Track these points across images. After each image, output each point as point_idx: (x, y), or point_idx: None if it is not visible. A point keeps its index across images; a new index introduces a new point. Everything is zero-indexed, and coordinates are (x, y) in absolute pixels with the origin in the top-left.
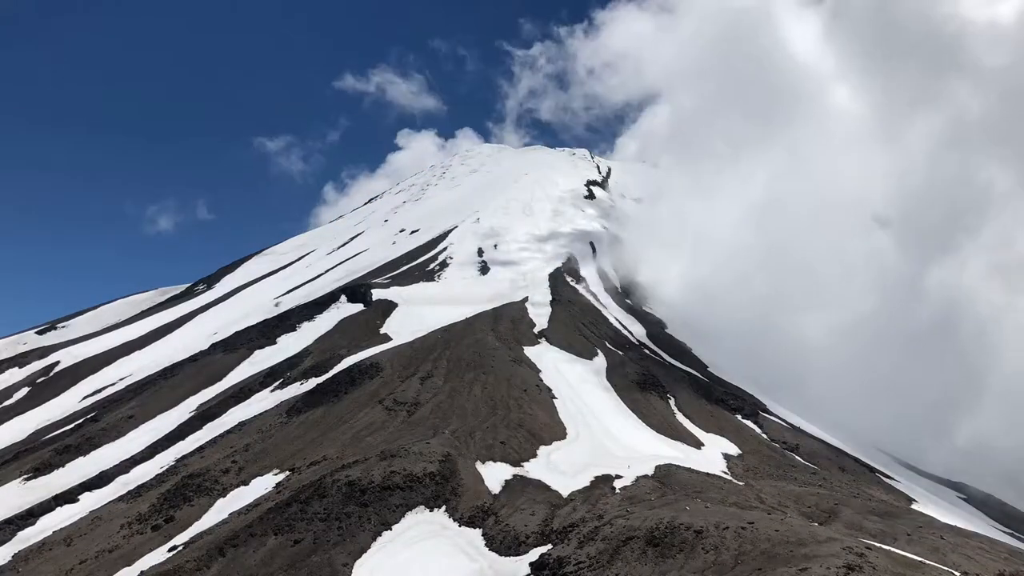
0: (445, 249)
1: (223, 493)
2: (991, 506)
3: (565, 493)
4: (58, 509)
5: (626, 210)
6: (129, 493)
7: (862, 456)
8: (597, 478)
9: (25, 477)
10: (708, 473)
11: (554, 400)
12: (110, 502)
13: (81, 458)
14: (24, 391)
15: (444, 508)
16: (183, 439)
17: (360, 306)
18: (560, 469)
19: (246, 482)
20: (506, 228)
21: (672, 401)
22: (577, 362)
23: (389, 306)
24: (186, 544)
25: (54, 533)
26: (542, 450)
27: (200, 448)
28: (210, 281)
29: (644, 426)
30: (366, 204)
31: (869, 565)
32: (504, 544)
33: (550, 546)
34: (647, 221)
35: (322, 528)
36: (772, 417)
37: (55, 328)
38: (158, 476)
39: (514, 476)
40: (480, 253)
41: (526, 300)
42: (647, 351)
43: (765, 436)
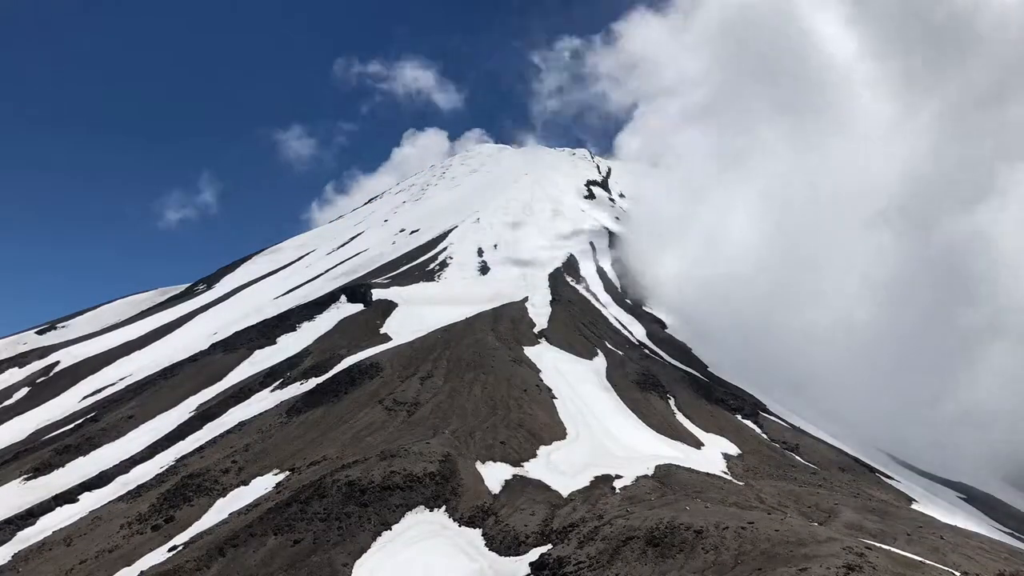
0: (445, 249)
1: (223, 493)
2: (991, 506)
3: (565, 493)
4: (58, 509)
5: (626, 209)
6: (129, 493)
7: (862, 456)
8: (597, 478)
9: (25, 477)
10: (708, 473)
11: (554, 400)
12: (110, 502)
13: (81, 458)
14: (24, 391)
15: (444, 508)
16: (183, 439)
17: (360, 306)
18: (560, 469)
19: (246, 482)
20: (506, 228)
21: (672, 401)
22: (577, 362)
23: (389, 306)
24: (186, 544)
25: (54, 533)
26: (542, 450)
27: (200, 448)
28: (210, 281)
29: (644, 426)
30: (366, 204)
31: (869, 565)
32: (504, 544)
33: (550, 546)
34: (649, 220)
35: (322, 528)
36: (772, 417)
37: (55, 328)
38: (158, 476)
39: (514, 476)
40: (480, 253)
41: (526, 300)
42: (647, 351)
43: (765, 436)
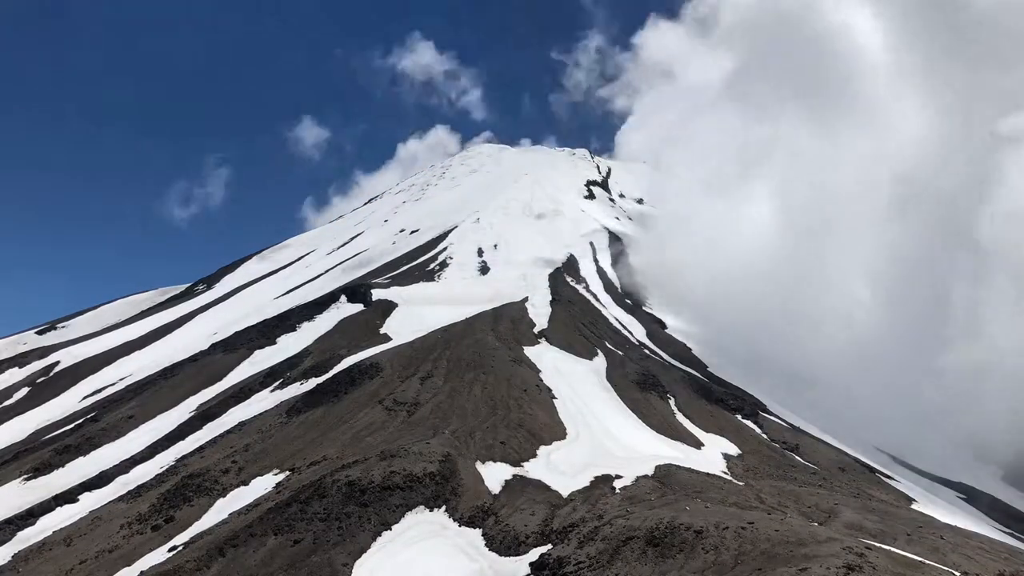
0: (445, 249)
1: (223, 493)
2: (991, 506)
3: (565, 493)
4: (58, 509)
5: (627, 209)
6: (129, 493)
7: (862, 456)
8: (597, 478)
9: (25, 477)
10: (708, 473)
11: (554, 400)
12: (110, 502)
13: (81, 458)
14: (24, 391)
15: (444, 508)
16: (183, 439)
17: (360, 306)
18: (560, 469)
19: (246, 482)
20: (506, 228)
21: (672, 401)
22: (577, 362)
23: (389, 306)
24: (186, 544)
25: (54, 533)
26: (542, 450)
27: (200, 448)
28: (210, 281)
29: (644, 426)
30: (366, 204)
31: (869, 565)
32: (504, 544)
33: (550, 546)
34: (667, 217)
35: (322, 528)
36: (772, 417)
37: (55, 328)
38: (158, 476)
39: (514, 476)
40: (480, 253)
41: (526, 300)
42: (647, 351)
43: (765, 436)
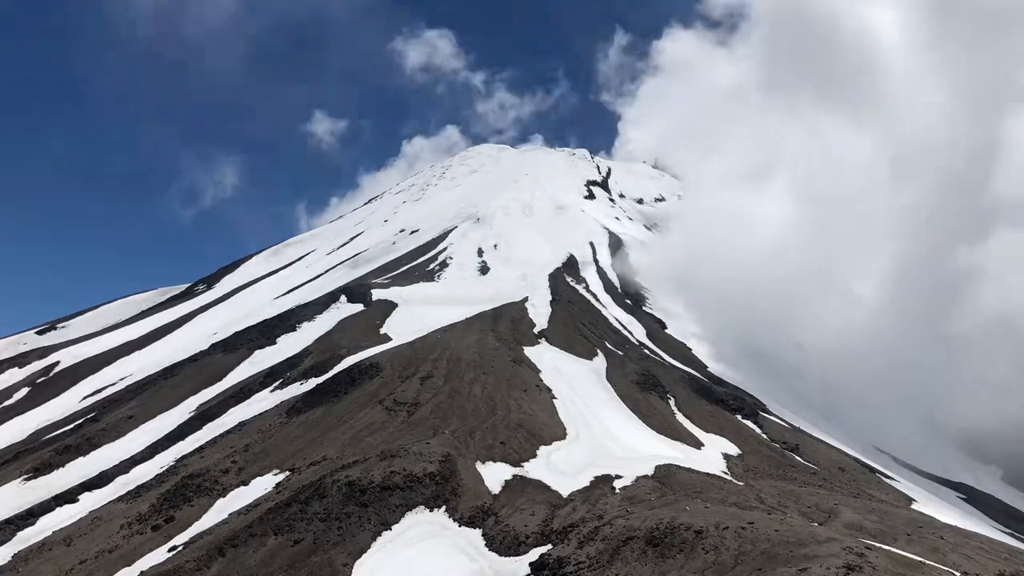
0: (445, 249)
1: (223, 493)
2: (991, 506)
3: (565, 493)
4: (58, 509)
5: (630, 208)
6: (129, 493)
7: (862, 456)
8: (597, 478)
9: (25, 477)
10: (708, 473)
11: (554, 400)
12: (110, 502)
13: (81, 458)
14: (24, 391)
15: (444, 508)
16: (183, 439)
17: (360, 306)
18: (560, 469)
19: (246, 482)
20: (506, 228)
21: (672, 401)
22: (577, 362)
23: (389, 306)
24: (186, 544)
25: (54, 533)
26: (542, 450)
27: (200, 448)
28: (210, 281)
29: (644, 426)
30: (366, 204)
31: (869, 565)
32: (504, 544)
33: (550, 546)
34: (667, 215)
35: (322, 528)
36: (772, 417)
37: (55, 328)
38: (158, 476)
39: (514, 476)
40: (480, 253)
41: (526, 300)
42: (647, 351)
43: (765, 436)
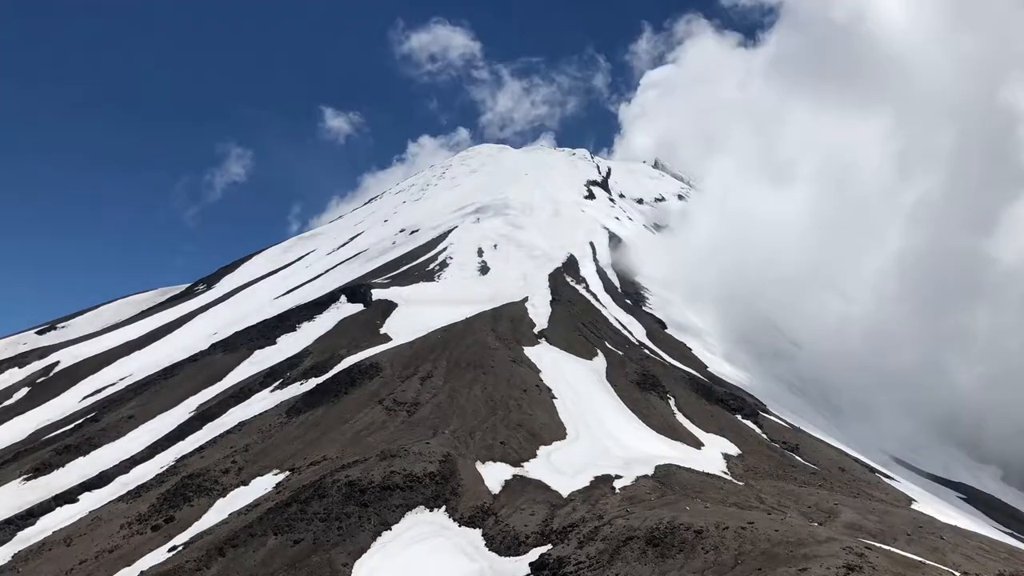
0: (445, 249)
1: (223, 493)
2: (991, 506)
3: (565, 493)
4: (58, 509)
5: (627, 209)
6: (129, 493)
7: (862, 456)
8: (597, 478)
9: (25, 477)
10: (708, 473)
11: (554, 400)
12: (110, 502)
13: (81, 458)
14: (24, 391)
15: (444, 508)
16: (183, 439)
17: (360, 306)
18: (560, 469)
19: (246, 482)
20: (506, 228)
21: (672, 401)
22: (577, 362)
23: (389, 306)
24: (186, 544)
25: (54, 533)
26: (542, 450)
27: (200, 448)
28: (210, 281)
29: (644, 426)
30: (366, 204)
31: (869, 565)
32: (504, 544)
33: (550, 546)
34: (655, 220)
35: (322, 528)
36: (772, 417)
37: (55, 328)
38: (158, 476)
39: (514, 476)
40: (480, 253)
41: (526, 300)
42: (647, 351)
43: (765, 436)
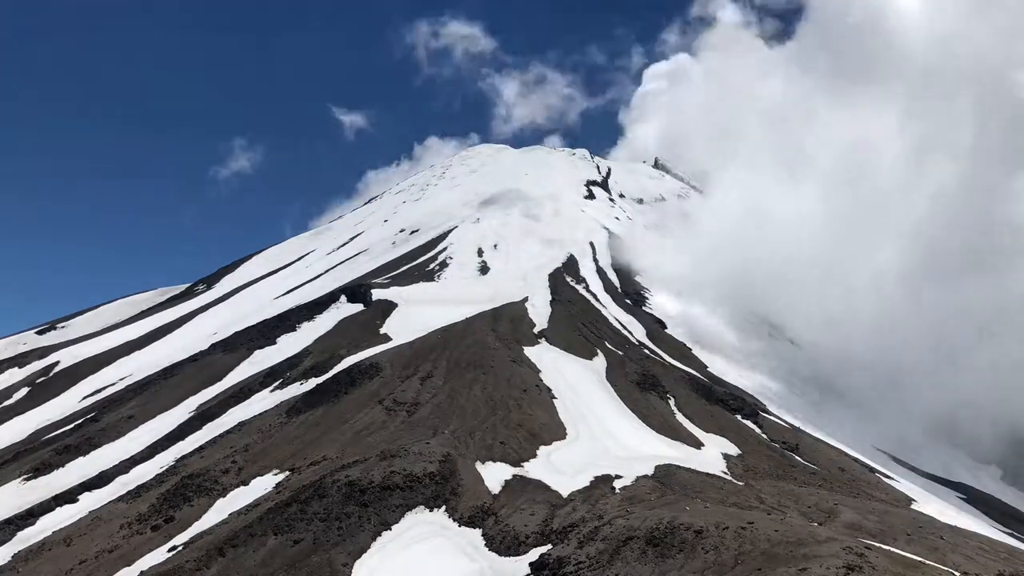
0: (445, 249)
1: (223, 493)
2: (991, 506)
3: (565, 493)
4: (58, 509)
5: (626, 208)
6: (129, 493)
7: (862, 456)
8: (597, 478)
9: (25, 477)
10: (708, 473)
11: (554, 400)
12: (110, 502)
13: (81, 458)
14: (24, 391)
15: (444, 508)
16: (183, 439)
17: (360, 306)
18: (560, 469)
19: (246, 482)
20: (506, 228)
21: (672, 401)
22: (577, 362)
23: (389, 306)
24: (186, 544)
25: (54, 533)
26: (542, 450)
27: (200, 448)
28: (210, 281)
29: (644, 426)
30: (366, 204)
31: (869, 565)
32: (504, 544)
33: (550, 546)
34: (656, 219)
35: (322, 528)
36: (772, 417)
37: (55, 328)
38: (158, 476)
39: (514, 476)
40: (480, 253)
41: (526, 300)
42: (647, 351)
43: (765, 436)
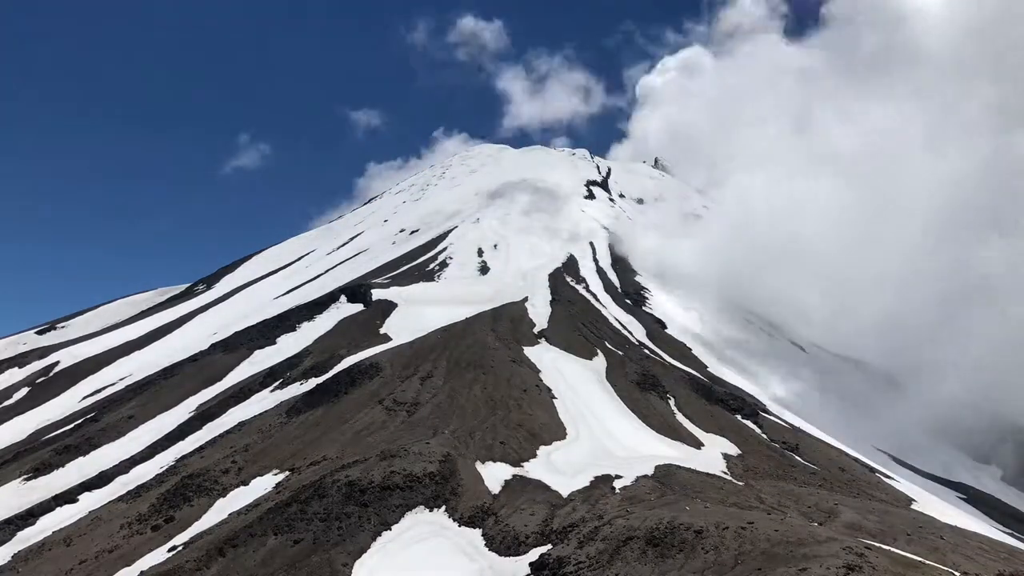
0: (445, 249)
1: (223, 493)
2: (991, 506)
3: (565, 493)
4: (58, 509)
5: (626, 208)
6: (129, 493)
7: (862, 456)
8: (597, 478)
9: (25, 477)
10: (708, 473)
11: (554, 400)
12: (110, 502)
13: (81, 458)
14: (24, 391)
15: (444, 508)
16: (183, 439)
17: (360, 306)
18: (560, 469)
19: (246, 482)
20: (506, 228)
21: (672, 401)
22: (577, 362)
23: (389, 306)
24: (186, 544)
25: (54, 533)
26: (542, 450)
27: (200, 448)
28: (210, 281)
29: (644, 426)
30: (366, 204)
31: (869, 565)
32: (504, 544)
33: (550, 546)
34: (656, 218)
35: (322, 528)
36: (772, 417)
37: (55, 328)
38: (158, 476)
39: (514, 476)
40: (480, 253)
41: (526, 300)
42: (647, 351)
43: (765, 436)
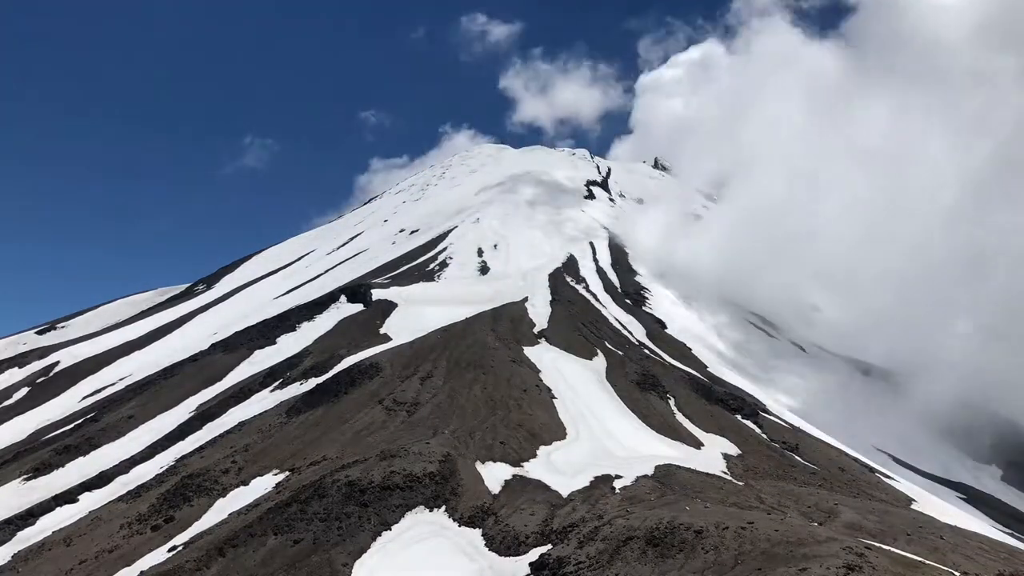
0: (445, 249)
1: (223, 493)
2: (991, 506)
3: (565, 493)
4: (58, 509)
5: (626, 208)
6: (129, 493)
7: (862, 456)
8: (597, 478)
9: (25, 477)
10: (708, 473)
11: (554, 400)
12: (110, 502)
13: (81, 458)
14: (24, 391)
15: (444, 508)
16: (183, 439)
17: (360, 306)
18: (560, 469)
19: (246, 482)
20: (506, 228)
21: (672, 401)
22: (577, 362)
23: (389, 306)
24: (186, 544)
25: (54, 533)
26: (542, 450)
27: (200, 448)
28: (210, 281)
29: (644, 426)
30: (366, 204)
31: (869, 565)
32: (504, 544)
33: (550, 546)
34: (656, 218)
35: (322, 528)
36: (772, 417)
37: (55, 328)
38: (158, 476)
39: (514, 476)
40: (480, 253)
41: (526, 300)
42: (647, 351)
43: (765, 436)
